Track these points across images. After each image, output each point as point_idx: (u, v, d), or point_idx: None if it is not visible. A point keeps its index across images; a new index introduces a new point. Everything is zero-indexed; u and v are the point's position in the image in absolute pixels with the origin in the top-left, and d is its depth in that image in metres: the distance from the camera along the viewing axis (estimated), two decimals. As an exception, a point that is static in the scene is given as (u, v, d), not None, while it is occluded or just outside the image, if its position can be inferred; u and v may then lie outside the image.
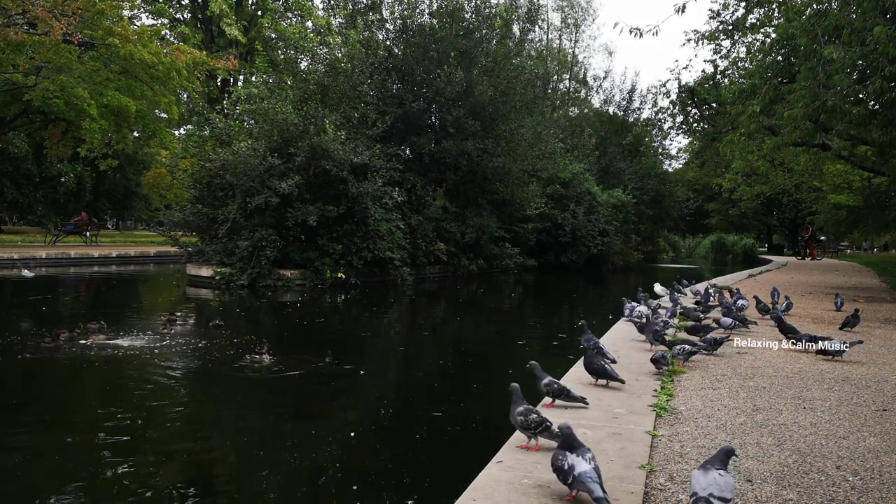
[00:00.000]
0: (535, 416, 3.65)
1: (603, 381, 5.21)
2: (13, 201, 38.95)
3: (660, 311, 8.81)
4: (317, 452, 5.19)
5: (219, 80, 34.16)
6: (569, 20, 49.25)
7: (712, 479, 2.68)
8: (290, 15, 36.84)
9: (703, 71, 18.59)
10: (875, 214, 27.23)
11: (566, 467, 2.92)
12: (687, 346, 6.31)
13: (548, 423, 3.61)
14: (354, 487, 4.60)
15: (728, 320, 8.28)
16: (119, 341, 8.73)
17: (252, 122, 20.78)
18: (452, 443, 5.54)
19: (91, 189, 44.20)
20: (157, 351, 8.37)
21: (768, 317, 9.03)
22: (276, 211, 16.79)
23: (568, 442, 3.06)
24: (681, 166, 54.00)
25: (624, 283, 25.22)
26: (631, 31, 9.51)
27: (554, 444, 3.56)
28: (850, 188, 26.24)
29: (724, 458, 2.78)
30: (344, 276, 17.37)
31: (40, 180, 39.86)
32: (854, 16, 9.26)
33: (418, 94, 22.45)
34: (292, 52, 26.23)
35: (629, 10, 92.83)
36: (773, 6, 13.84)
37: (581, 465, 2.91)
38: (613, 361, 5.71)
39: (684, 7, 9.23)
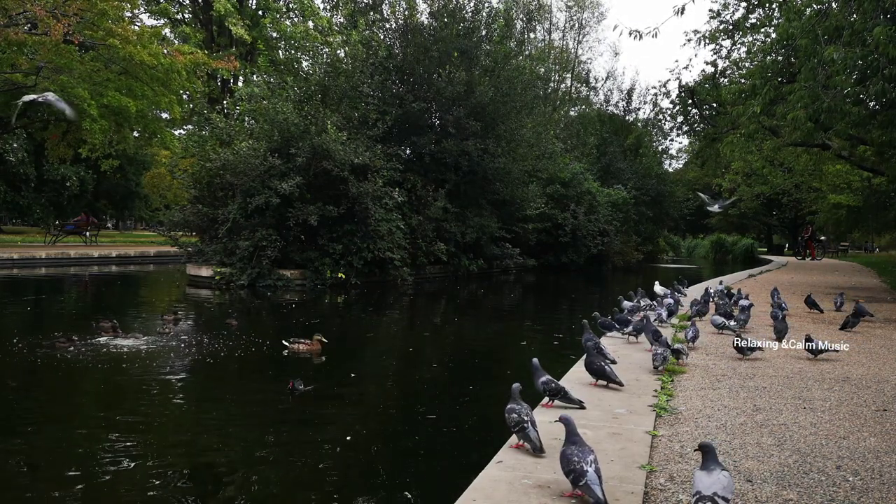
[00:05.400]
0: (514, 415, 3.70)
1: (603, 382, 5.21)
2: (11, 202, 38.94)
3: (660, 309, 8.82)
4: (316, 454, 5.19)
5: (219, 80, 34.16)
6: (574, 20, 49.30)
7: (716, 478, 2.70)
8: (292, 15, 36.84)
9: (703, 71, 18.56)
10: (875, 214, 27.22)
11: (581, 469, 2.92)
12: (685, 346, 6.32)
13: (524, 425, 3.64)
14: (354, 488, 4.60)
15: (719, 320, 8.28)
16: (132, 341, 8.73)
17: (253, 122, 20.78)
18: (452, 443, 5.54)
19: (91, 189, 44.24)
20: (161, 350, 8.38)
21: (769, 318, 9.03)
22: (276, 211, 16.79)
23: (571, 437, 3.08)
24: (681, 166, 54.01)
25: (624, 282, 25.21)
26: (630, 34, 9.53)
27: (524, 445, 3.67)
28: (849, 188, 26.25)
29: (715, 456, 2.80)
30: (344, 277, 17.36)
31: (40, 183, 39.85)
32: (854, 16, 9.26)
33: (419, 94, 22.45)
34: (293, 52, 26.23)
35: (636, 10, 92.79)
36: (774, 6, 13.84)
37: (587, 469, 2.94)
38: (613, 362, 5.70)
39: (683, 9, 9.24)
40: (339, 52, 22.91)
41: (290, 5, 36.34)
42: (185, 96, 28.85)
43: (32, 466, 4.75)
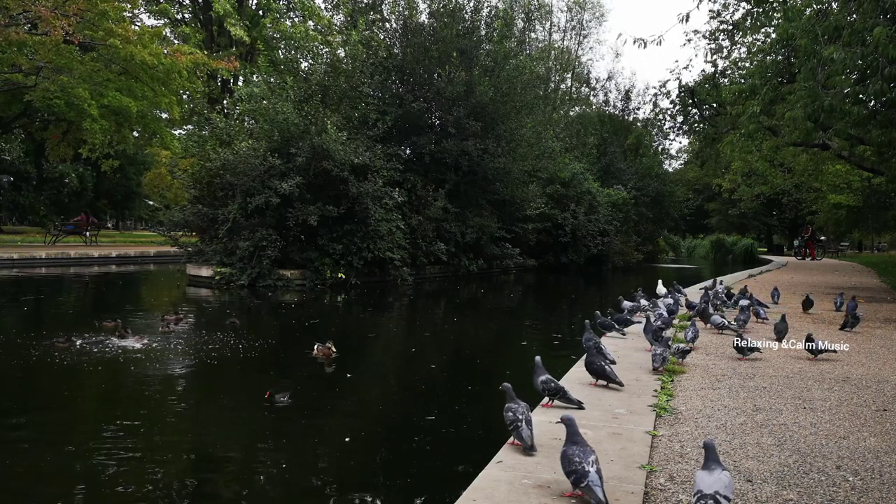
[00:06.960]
0: (510, 414, 3.75)
1: (603, 382, 5.21)
2: (13, 201, 38.98)
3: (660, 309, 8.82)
4: (316, 455, 5.19)
5: (219, 80, 34.17)
6: (575, 21, 49.28)
7: (717, 478, 2.71)
8: (292, 15, 36.85)
9: (703, 71, 18.60)
10: (875, 214, 27.26)
11: (583, 470, 2.93)
12: (682, 346, 6.33)
13: (517, 423, 3.69)
14: (354, 489, 4.60)
15: (719, 319, 8.28)
16: (133, 341, 8.72)
17: (253, 122, 20.78)
18: (452, 443, 5.54)
19: (92, 189, 44.29)
20: (162, 350, 8.37)
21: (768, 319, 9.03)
22: (276, 211, 16.79)
23: (573, 437, 3.08)
24: (681, 166, 54.01)
25: (624, 282, 25.20)
26: (635, 42, 9.56)
27: (516, 443, 3.72)
28: (849, 188, 26.29)
29: (716, 455, 2.80)
30: (344, 277, 17.36)
31: (41, 182, 39.89)
32: (854, 16, 9.26)
33: (419, 94, 22.46)
34: (293, 52, 26.23)
35: (637, 12, 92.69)
36: (774, 6, 13.84)
37: (588, 469, 2.95)
38: (613, 362, 5.70)
39: (688, 16, 9.28)
40: (339, 52, 22.91)
41: (291, 5, 36.35)
42: (185, 96, 28.89)
43: (32, 467, 4.74)
